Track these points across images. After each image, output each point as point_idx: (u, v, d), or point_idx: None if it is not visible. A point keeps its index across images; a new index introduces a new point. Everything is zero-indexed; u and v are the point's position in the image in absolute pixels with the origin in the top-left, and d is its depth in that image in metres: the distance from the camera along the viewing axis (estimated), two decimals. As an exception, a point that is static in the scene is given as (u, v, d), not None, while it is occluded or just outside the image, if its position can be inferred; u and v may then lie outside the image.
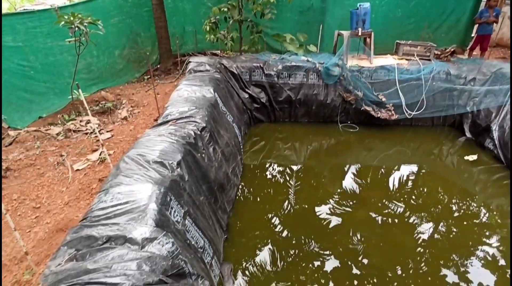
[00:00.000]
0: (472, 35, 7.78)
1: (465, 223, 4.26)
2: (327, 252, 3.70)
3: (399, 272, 3.48)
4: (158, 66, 7.72)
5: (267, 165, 5.45)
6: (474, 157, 5.57)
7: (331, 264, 3.55)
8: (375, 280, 3.37)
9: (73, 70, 5.22)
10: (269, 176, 5.18)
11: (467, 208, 4.58)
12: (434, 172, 5.48)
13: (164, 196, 2.65)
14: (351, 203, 4.55)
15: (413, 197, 4.78)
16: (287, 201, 4.55)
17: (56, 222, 2.82)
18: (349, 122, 6.61)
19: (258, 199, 4.60)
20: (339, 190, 4.84)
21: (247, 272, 3.44)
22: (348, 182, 5.07)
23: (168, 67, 7.59)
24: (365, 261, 3.60)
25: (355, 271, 3.47)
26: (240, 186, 4.67)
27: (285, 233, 3.98)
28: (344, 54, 5.99)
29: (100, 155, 3.91)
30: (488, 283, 3.36)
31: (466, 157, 5.57)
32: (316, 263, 3.56)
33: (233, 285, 3.18)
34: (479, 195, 4.88)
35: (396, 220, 4.24)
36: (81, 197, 3.14)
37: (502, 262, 3.65)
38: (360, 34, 5.86)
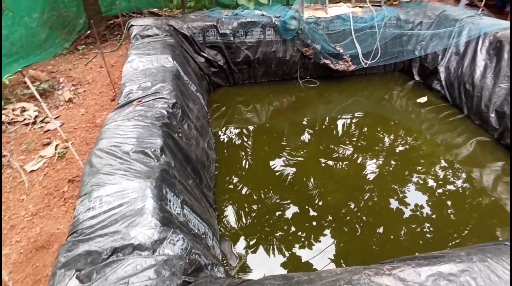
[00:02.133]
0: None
1: (407, 157, 4.79)
2: (287, 201, 3.95)
3: (352, 206, 3.89)
4: (88, 32, 6.64)
5: (230, 131, 5.31)
6: (425, 98, 6.03)
7: (291, 211, 3.83)
8: (330, 218, 3.73)
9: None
10: (233, 141, 5.08)
11: (411, 144, 5.11)
12: (384, 116, 5.87)
13: (159, 189, 2.39)
14: (306, 154, 4.77)
15: (362, 140, 5.16)
16: (250, 162, 4.60)
17: (31, 239, 2.40)
18: (308, 77, 6.59)
19: (227, 166, 4.54)
20: (298, 144, 5.01)
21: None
22: (307, 136, 5.24)
23: (102, 32, 6.57)
24: (321, 202, 3.93)
25: (312, 213, 3.80)
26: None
27: (248, 191, 4.09)
28: (300, 5, 5.74)
29: (56, 149, 3.35)
30: (421, 203, 3.97)
31: (418, 100, 6.01)
32: (278, 213, 3.80)
33: (237, 261, 3.16)
34: (424, 132, 5.39)
35: (347, 162, 4.62)
36: (52, 204, 2.69)
37: (431, 183, 4.29)
38: (316, -18, 5.61)
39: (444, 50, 5.80)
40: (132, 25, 5.22)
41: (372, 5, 6.25)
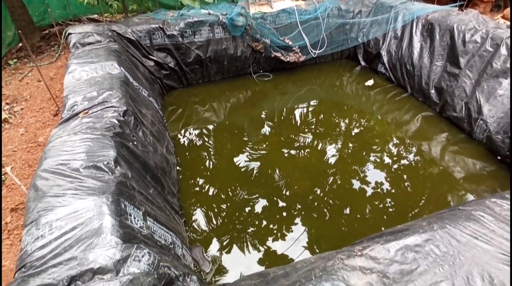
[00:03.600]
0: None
1: (363, 138, 5.01)
2: (255, 196, 3.96)
3: (318, 192, 4.01)
4: (20, 44, 6.08)
5: (189, 132, 5.20)
6: (371, 81, 6.34)
7: (260, 205, 3.85)
8: (299, 206, 3.82)
9: None
10: (194, 143, 4.98)
11: (365, 125, 5.36)
12: (337, 102, 6.11)
13: (116, 204, 2.24)
14: (269, 146, 4.82)
15: (320, 127, 5.32)
16: (213, 162, 4.55)
17: (-25, 280, 2.14)
18: (261, 71, 6.62)
19: (190, 168, 4.43)
20: (260, 138, 5.03)
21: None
22: (267, 128, 5.29)
23: (36, 44, 6.05)
24: (288, 192, 4.00)
25: (281, 204, 3.85)
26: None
27: (215, 191, 4.04)
28: (245, 2, 5.72)
29: (-7, 176, 3.03)
30: (381, 180, 4.19)
31: (366, 83, 6.31)
32: (247, 209, 3.80)
33: (210, 266, 3.09)
34: (375, 113, 5.68)
35: (309, 150, 4.76)
36: (-6, 238, 2.42)
37: (387, 160, 4.54)
38: (258, -23, 5.62)
39: (384, 35, 6.13)
40: (70, 33, 4.85)
41: (314, -3, 6.42)
